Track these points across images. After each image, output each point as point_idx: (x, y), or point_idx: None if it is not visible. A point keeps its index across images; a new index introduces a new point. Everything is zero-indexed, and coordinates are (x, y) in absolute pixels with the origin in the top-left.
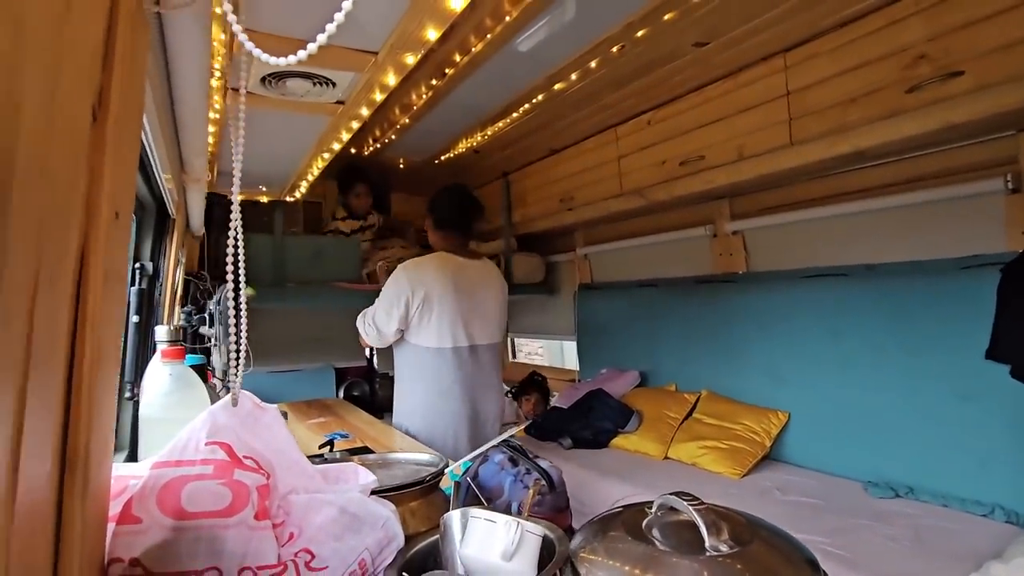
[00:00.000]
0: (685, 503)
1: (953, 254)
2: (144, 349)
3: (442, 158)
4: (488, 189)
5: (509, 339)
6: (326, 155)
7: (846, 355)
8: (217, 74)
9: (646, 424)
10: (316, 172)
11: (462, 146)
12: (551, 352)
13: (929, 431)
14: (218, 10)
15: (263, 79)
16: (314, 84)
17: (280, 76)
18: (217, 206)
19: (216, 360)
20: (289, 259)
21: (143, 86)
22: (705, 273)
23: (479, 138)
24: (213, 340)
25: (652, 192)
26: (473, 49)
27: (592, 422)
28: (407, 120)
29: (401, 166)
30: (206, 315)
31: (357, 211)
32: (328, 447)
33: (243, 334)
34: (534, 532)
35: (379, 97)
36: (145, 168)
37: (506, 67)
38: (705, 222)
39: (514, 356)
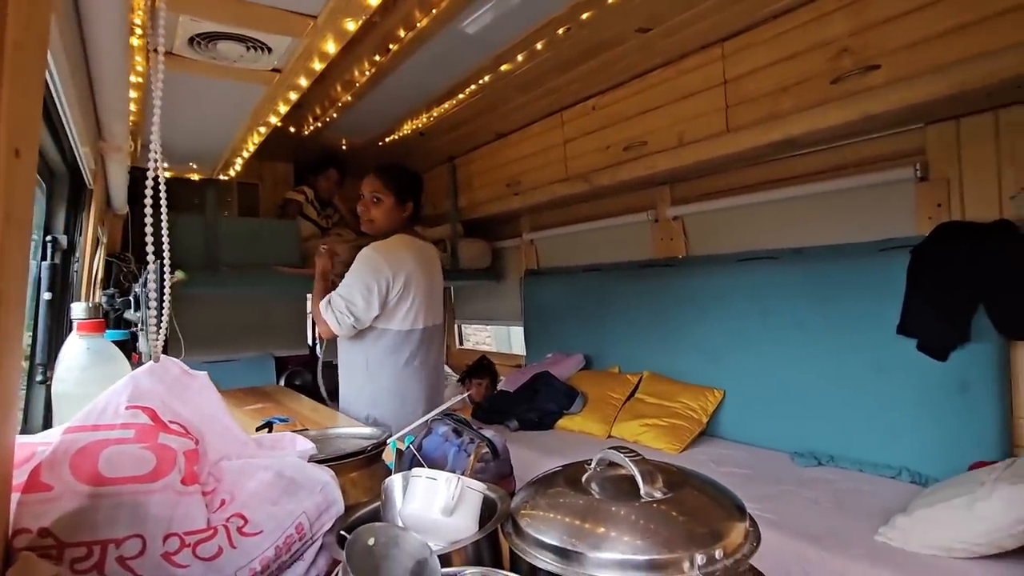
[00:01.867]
0: (622, 455)
1: (872, 237)
2: (58, 329)
3: (386, 140)
4: (434, 173)
5: (456, 326)
6: (262, 129)
7: (776, 334)
8: (138, 31)
9: (590, 405)
10: (251, 148)
11: (407, 128)
12: (498, 338)
13: (848, 403)
14: None
15: (191, 40)
16: (248, 48)
17: (210, 37)
18: (141, 182)
19: (143, 346)
20: (223, 241)
21: (47, 15)
22: (647, 258)
23: (424, 120)
24: (139, 325)
25: (597, 177)
26: (418, 24)
27: (538, 404)
28: (349, 98)
29: (344, 147)
30: (131, 298)
31: (324, 195)
32: (266, 429)
33: (167, 297)
34: (475, 489)
35: (318, 66)
36: (56, 130)
37: (452, 46)
38: (647, 207)
39: (461, 343)
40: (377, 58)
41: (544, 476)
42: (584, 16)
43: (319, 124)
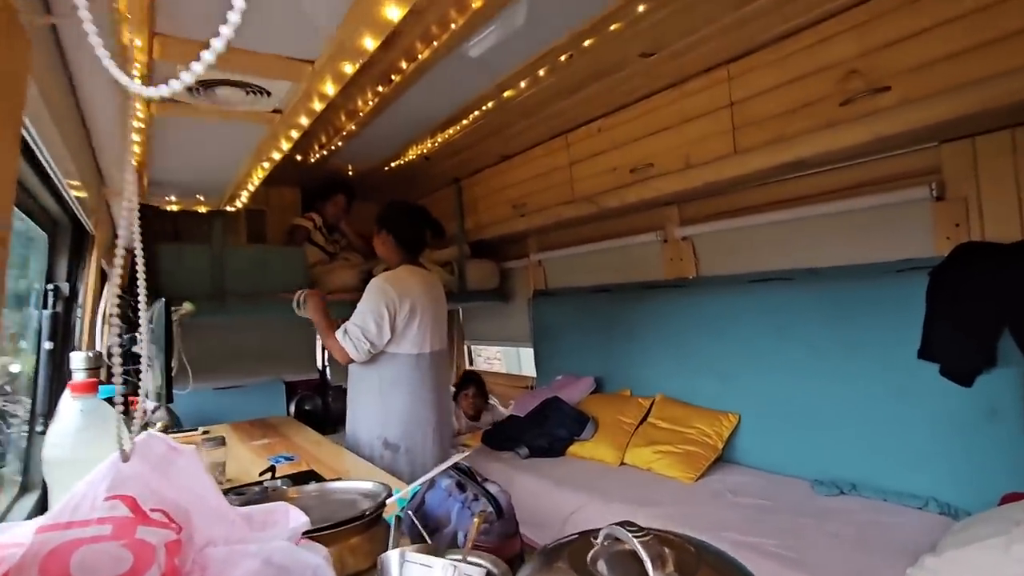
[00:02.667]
0: (629, 534)
1: (888, 258)
2: (60, 379)
3: (392, 165)
4: (440, 195)
5: (466, 346)
6: (266, 164)
7: (791, 356)
8: (137, 81)
9: (602, 430)
10: (257, 181)
11: (412, 153)
12: (508, 359)
13: (869, 429)
14: (128, 16)
15: (189, 88)
16: (247, 93)
17: (208, 84)
18: (145, 218)
19: (148, 382)
20: (230, 271)
21: (20, 93)
22: (657, 278)
23: (429, 145)
24: (144, 361)
25: (603, 199)
26: (420, 56)
27: (548, 430)
28: (353, 127)
29: (350, 173)
30: (136, 335)
31: (332, 220)
32: (270, 473)
33: (159, 359)
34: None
35: (318, 107)
36: (54, 181)
37: (454, 74)
38: (656, 228)
39: (471, 363)
40: (380, 89)
41: (548, 550)
42: (586, 44)
43: (324, 152)
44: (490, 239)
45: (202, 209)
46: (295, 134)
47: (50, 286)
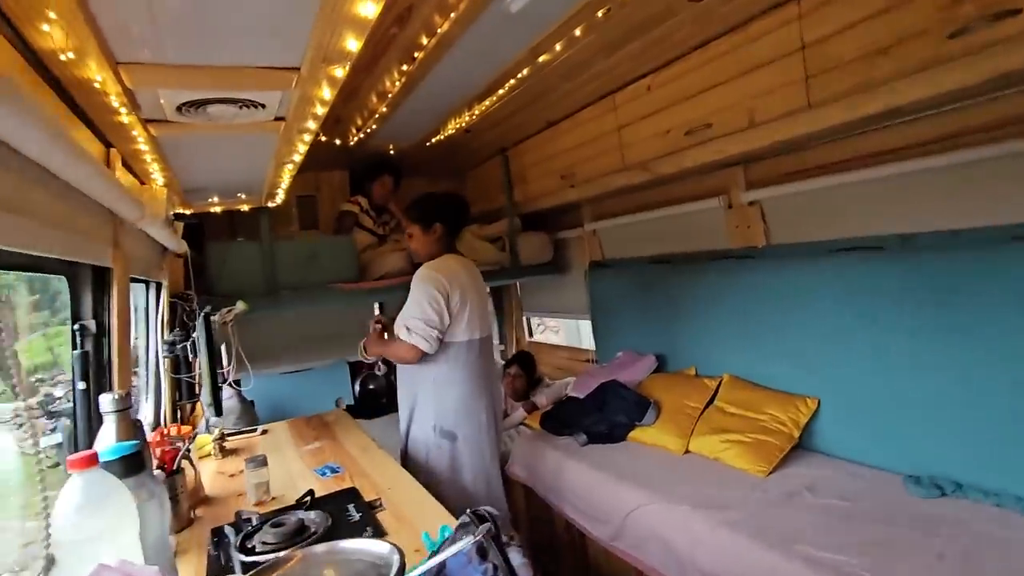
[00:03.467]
0: None
1: (1002, 221)
2: (97, 418)
3: (432, 140)
4: (486, 167)
5: (525, 318)
6: (289, 166)
7: (881, 338)
8: (123, 110)
9: (665, 415)
10: (287, 181)
11: (451, 127)
12: (567, 331)
13: (979, 421)
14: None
15: (178, 108)
16: (240, 107)
17: (196, 104)
18: (191, 230)
19: (204, 397)
20: (280, 265)
21: None
22: (721, 248)
23: (467, 117)
24: (198, 367)
25: (657, 165)
26: (439, 30)
27: (607, 415)
28: (385, 109)
29: (391, 152)
30: (189, 344)
31: (379, 200)
32: (308, 497)
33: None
34: None
35: (321, 111)
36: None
37: (481, 45)
38: (718, 192)
39: (530, 335)
40: (405, 67)
41: None
42: None
43: (362, 135)
44: (541, 209)
45: (244, 208)
46: (307, 137)
47: (76, 326)
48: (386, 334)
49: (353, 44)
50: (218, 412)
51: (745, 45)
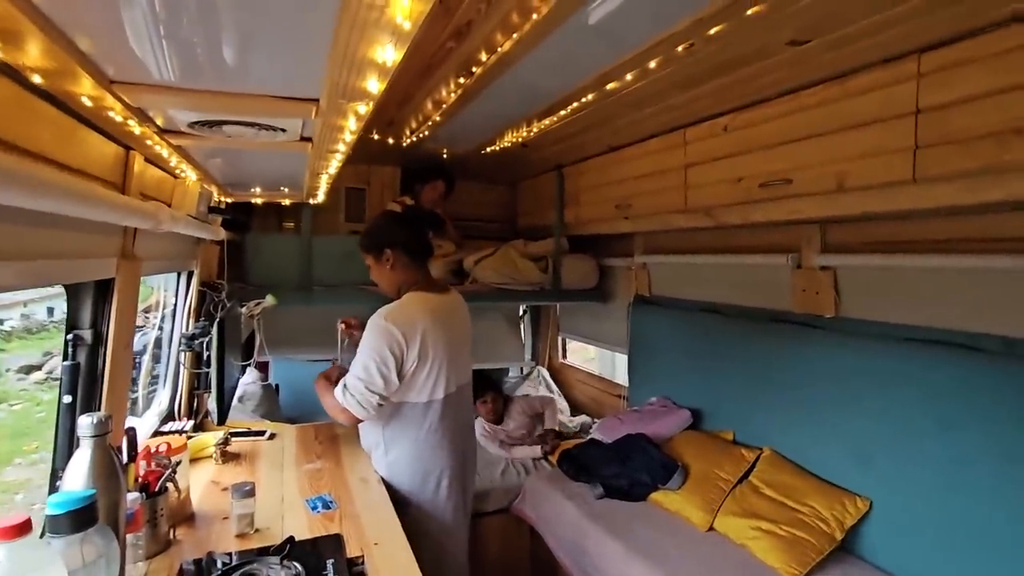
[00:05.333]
0: None
1: None
2: (74, 433)
3: (488, 150)
4: (540, 181)
5: (560, 339)
6: (325, 176)
7: (959, 450)
8: (132, 122)
9: (692, 481)
10: (325, 186)
11: (508, 139)
12: (603, 360)
13: None
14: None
15: (191, 124)
16: (258, 129)
17: (210, 123)
18: (239, 211)
19: (210, 402)
20: (317, 261)
21: None
22: (782, 309)
23: (525, 133)
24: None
25: (723, 213)
26: (500, 48)
27: (629, 471)
28: (439, 117)
29: (445, 156)
30: (209, 338)
31: (428, 204)
32: (287, 545)
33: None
34: None
35: (350, 137)
36: None
37: (543, 68)
38: (788, 249)
39: (564, 356)
40: (462, 80)
41: None
42: (712, 32)
43: (415, 138)
44: (591, 234)
45: (286, 202)
46: (341, 156)
47: (70, 336)
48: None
49: (374, 85)
50: (221, 421)
51: (845, 99)
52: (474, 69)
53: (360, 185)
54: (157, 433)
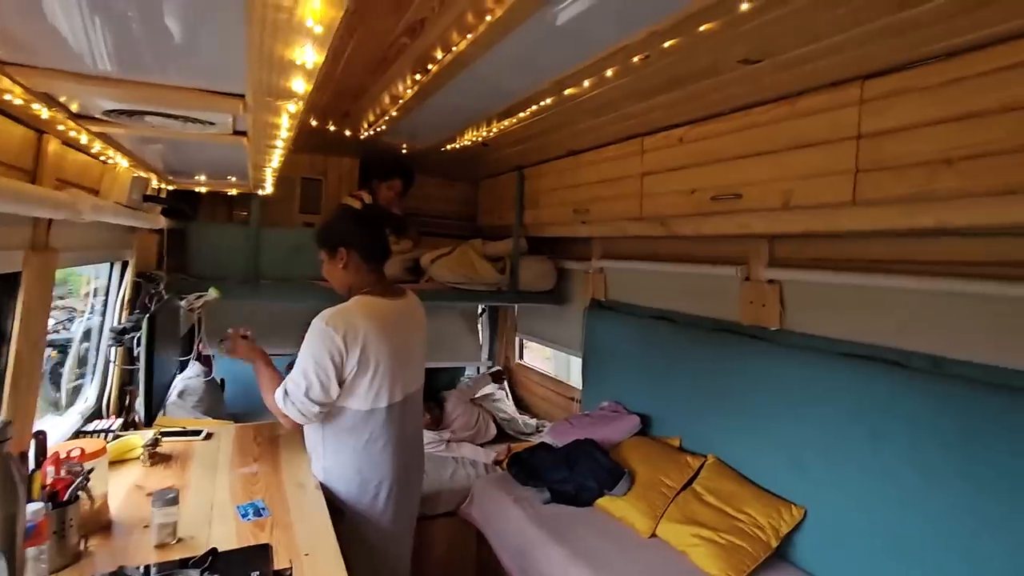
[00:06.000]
0: None
1: None
2: None
3: (448, 148)
4: (501, 181)
5: (517, 339)
6: (269, 169)
7: (889, 463)
8: (36, 107)
9: (638, 488)
10: (271, 178)
11: (468, 138)
12: (558, 362)
13: None
14: None
15: (106, 113)
16: (184, 122)
17: (128, 112)
18: (182, 198)
19: (138, 404)
20: (265, 253)
21: None
22: (730, 319)
23: (485, 133)
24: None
25: (676, 224)
26: (455, 48)
27: (576, 476)
28: (396, 112)
29: (404, 150)
30: (140, 334)
31: (384, 202)
32: (210, 556)
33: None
34: None
35: (287, 134)
36: None
37: (500, 70)
38: (738, 261)
39: (520, 356)
40: (418, 77)
41: None
42: (666, 45)
43: (373, 131)
44: (550, 236)
45: (233, 191)
46: (280, 151)
47: None
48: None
49: (300, 85)
50: (148, 421)
51: (794, 118)
52: (430, 67)
53: (316, 176)
54: (80, 433)
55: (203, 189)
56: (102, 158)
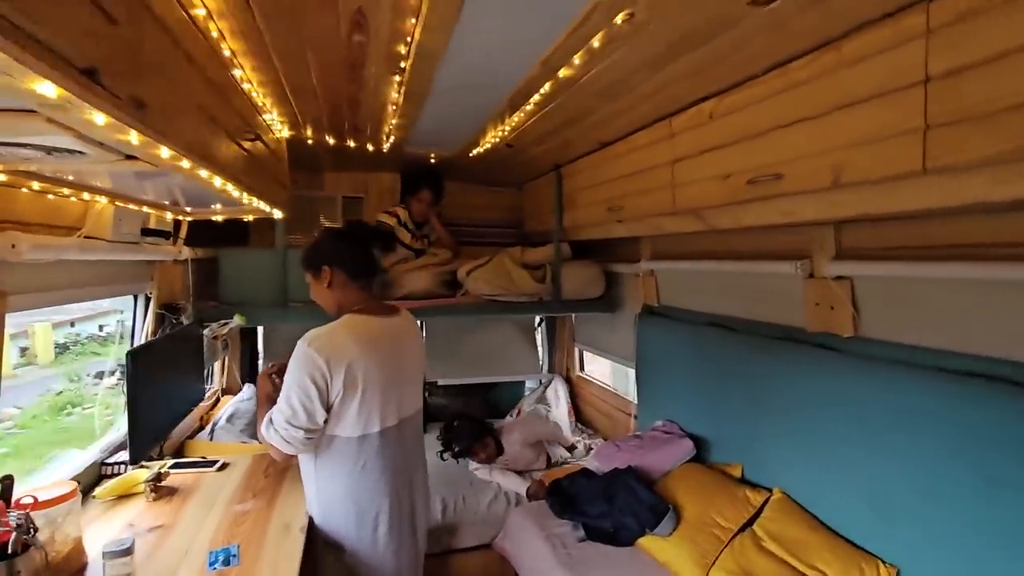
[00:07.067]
0: None
1: None
2: None
3: (473, 152)
4: (541, 183)
5: (576, 350)
6: (243, 195)
7: (1008, 515)
8: None
9: (686, 526)
10: (262, 202)
11: (488, 139)
12: (616, 374)
13: None
14: None
15: None
16: (47, 152)
17: None
18: (206, 227)
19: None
20: (293, 276)
21: None
22: (794, 325)
23: (503, 132)
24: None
25: (712, 216)
26: (409, 38)
27: (614, 513)
28: (396, 120)
29: (433, 160)
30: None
31: (418, 216)
32: None
33: None
34: None
35: (166, 152)
36: None
37: (474, 58)
38: (798, 254)
39: (581, 368)
40: (397, 78)
41: None
42: None
43: (390, 142)
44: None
45: (248, 217)
46: (204, 172)
47: None
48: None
49: (100, 118)
50: (134, 459)
51: (836, 70)
52: (402, 64)
53: (357, 194)
54: (103, 465)
55: (219, 217)
56: (72, 197)
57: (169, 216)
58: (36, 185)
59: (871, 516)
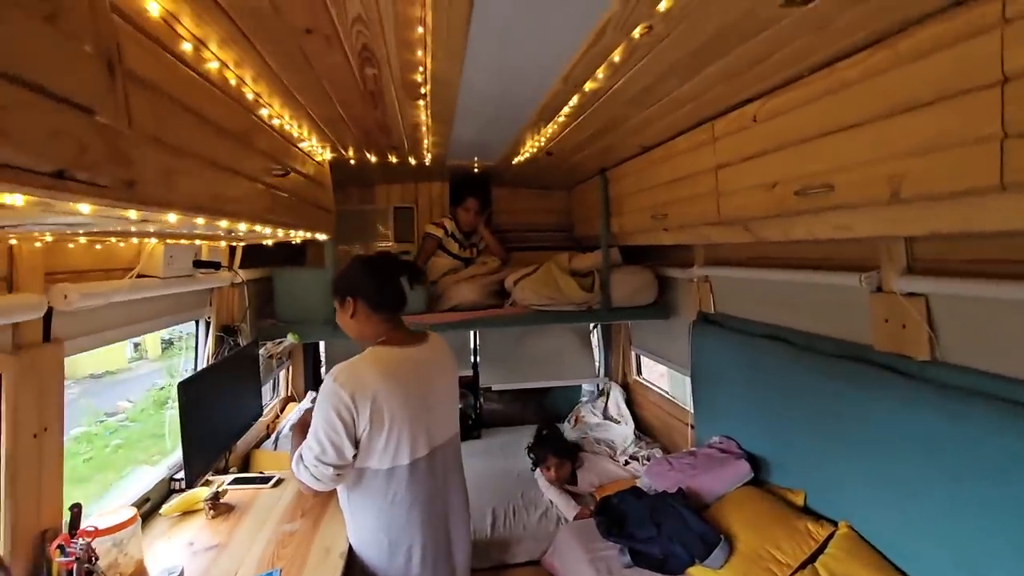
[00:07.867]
0: None
1: None
2: None
3: (514, 161)
4: (588, 187)
5: (633, 354)
6: (271, 232)
7: None
8: None
9: (739, 559)
10: (266, 228)
11: (526, 149)
12: (673, 380)
13: None
14: None
15: None
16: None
17: None
18: (263, 248)
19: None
20: None
21: None
22: (860, 342)
23: (539, 141)
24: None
25: (760, 227)
26: (422, 67)
27: (662, 539)
28: (431, 138)
29: (476, 169)
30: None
31: (465, 226)
32: None
33: None
34: None
35: (85, 209)
36: None
37: (492, 80)
38: (864, 265)
39: (639, 372)
40: (421, 103)
41: None
42: (661, 7)
43: (431, 155)
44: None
45: (296, 240)
46: (224, 223)
47: None
48: None
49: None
50: (190, 483)
51: (893, 68)
52: (422, 90)
53: (407, 204)
54: (172, 480)
55: (269, 242)
56: (122, 243)
57: (223, 243)
58: (83, 239)
59: (949, 562)
